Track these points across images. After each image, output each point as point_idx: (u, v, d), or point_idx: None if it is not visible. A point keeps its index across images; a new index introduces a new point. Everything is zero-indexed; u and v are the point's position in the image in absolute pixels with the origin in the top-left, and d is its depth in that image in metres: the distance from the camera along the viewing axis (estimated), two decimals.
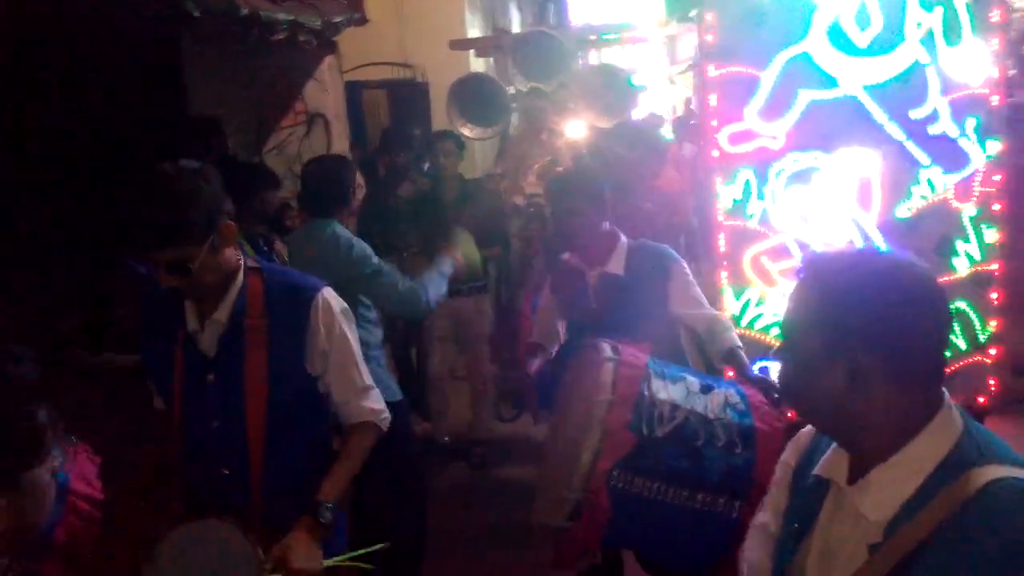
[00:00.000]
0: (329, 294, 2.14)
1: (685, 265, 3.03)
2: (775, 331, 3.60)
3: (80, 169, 4.15)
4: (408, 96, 8.49)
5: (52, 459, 1.43)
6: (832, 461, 1.35)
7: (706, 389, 2.43)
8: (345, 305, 2.19)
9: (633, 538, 2.49)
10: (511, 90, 7.32)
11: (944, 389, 1.29)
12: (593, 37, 10.13)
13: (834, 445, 1.35)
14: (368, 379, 2.21)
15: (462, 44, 8.34)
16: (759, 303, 3.61)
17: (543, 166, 6.14)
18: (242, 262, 2.07)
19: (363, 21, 6.73)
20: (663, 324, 2.94)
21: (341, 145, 6.69)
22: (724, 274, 3.59)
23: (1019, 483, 1.16)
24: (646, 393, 2.33)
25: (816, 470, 1.38)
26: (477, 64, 8.92)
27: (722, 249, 3.59)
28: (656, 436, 2.26)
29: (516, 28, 11.46)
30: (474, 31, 9.64)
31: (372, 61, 8.26)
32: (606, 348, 2.49)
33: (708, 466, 2.25)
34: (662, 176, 4.96)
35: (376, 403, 2.21)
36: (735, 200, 3.56)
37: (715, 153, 3.52)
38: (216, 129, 4.41)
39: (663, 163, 5.13)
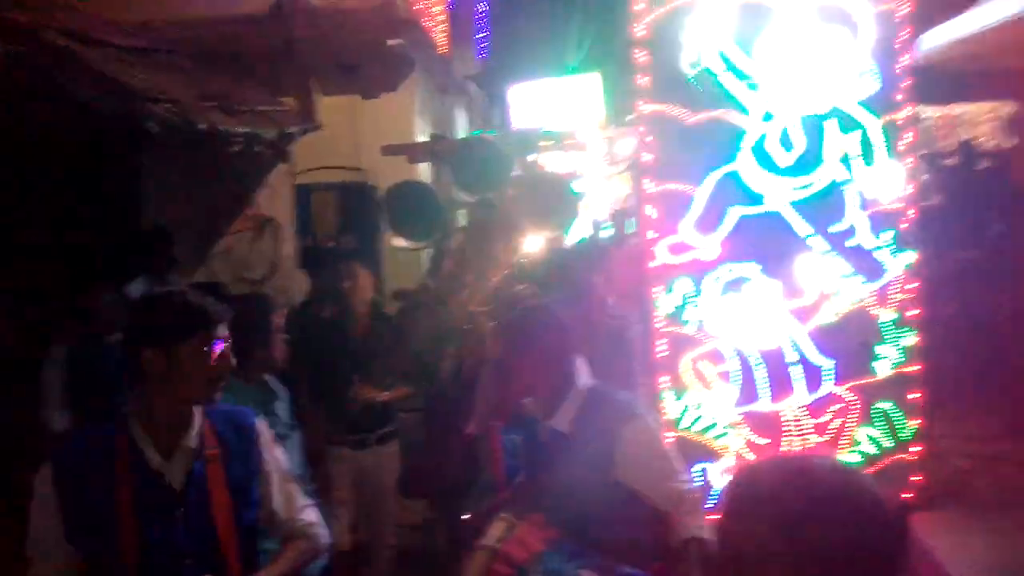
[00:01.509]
0: (261, 421, 2.20)
1: (649, 423, 2.56)
2: (713, 432, 3.76)
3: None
4: (358, 201, 8.65)
5: None
6: None
7: None
8: None
9: None
10: (458, 198, 7.11)
11: None
12: (541, 143, 10.47)
13: None
14: (304, 497, 2.25)
15: (394, 149, 8.05)
16: (697, 406, 3.76)
17: (502, 280, 6.00)
18: None
19: (317, 128, 6.95)
20: (615, 501, 2.40)
21: (288, 249, 6.80)
22: (665, 379, 3.76)
23: None
24: None
25: None
26: (425, 171, 9.07)
27: (661, 355, 3.76)
28: None
29: (463, 133, 11.84)
30: (424, 136, 9.91)
31: (323, 164, 8.42)
32: (494, 531, 2.26)
33: None
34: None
35: (316, 518, 2.24)
36: (675, 307, 3.76)
37: (654, 263, 3.74)
38: (167, 241, 4.50)
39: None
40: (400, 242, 6.77)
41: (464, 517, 3.31)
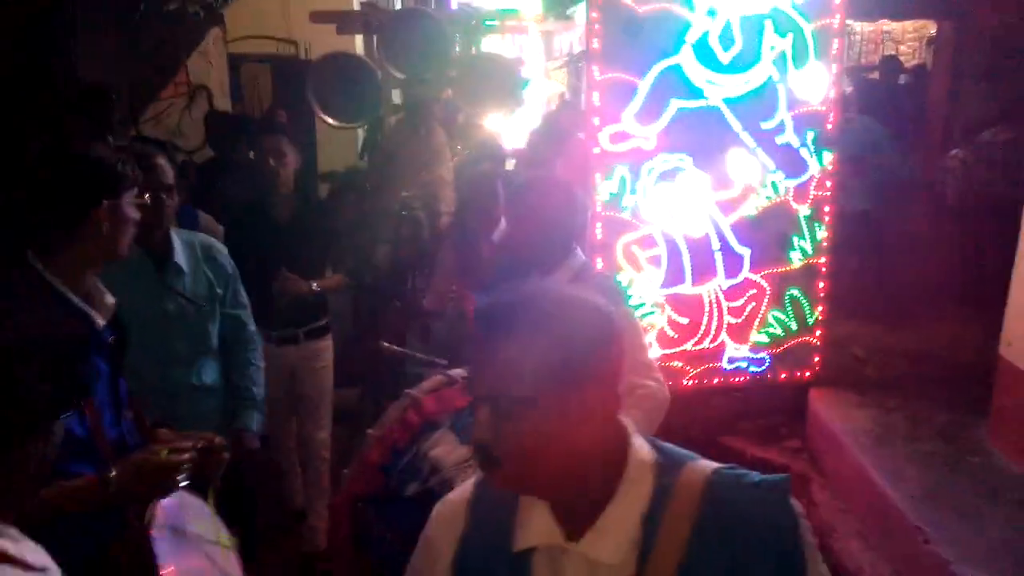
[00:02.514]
0: None
1: (627, 313, 2.62)
2: (640, 311, 4.05)
3: None
4: (291, 73, 8.40)
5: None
6: (540, 526, 1.20)
7: None
8: None
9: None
10: (386, 75, 6.51)
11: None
12: (474, 22, 10.20)
13: (538, 509, 1.21)
14: None
15: (323, 17, 7.44)
16: (628, 286, 4.03)
17: (462, 160, 5.74)
18: None
19: None
20: None
21: None
22: (599, 260, 4.00)
23: (731, 471, 1.19)
24: (415, 445, 2.12)
25: (520, 545, 1.21)
26: (359, 45, 8.78)
27: (599, 237, 3.98)
28: (403, 492, 2.07)
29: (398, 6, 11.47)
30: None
31: (255, 34, 8.17)
32: (427, 383, 2.30)
33: None
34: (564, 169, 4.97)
35: None
36: (611, 194, 3.97)
37: (596, 150, 3.91)
38: (106, 101, 4.39)
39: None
40: (331, 120, 6.32)
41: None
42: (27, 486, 1.33)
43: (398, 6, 10.96)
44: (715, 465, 1.19)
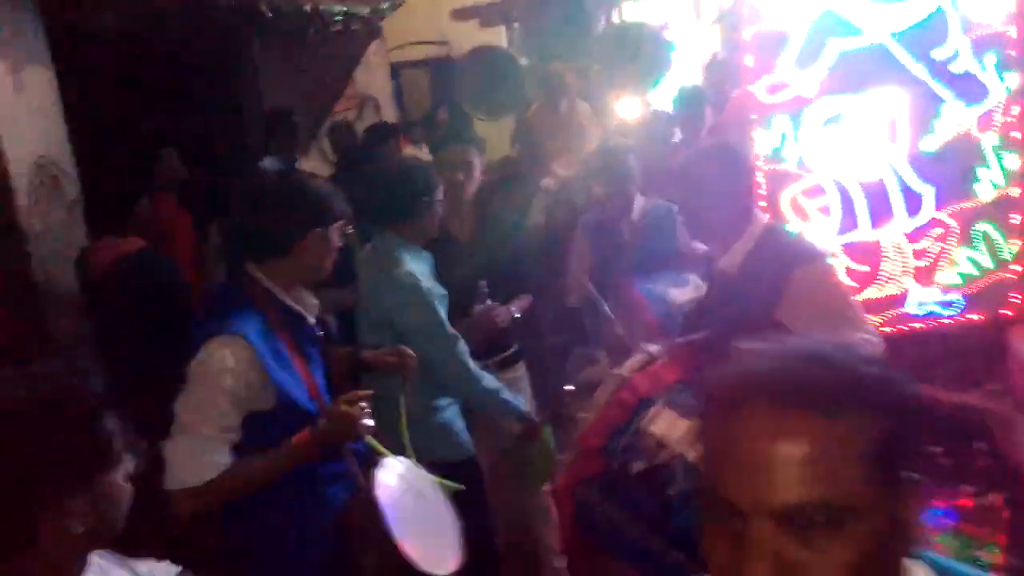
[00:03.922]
0: None
1: (827, 268, 2.54)
2: None
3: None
4: (446, 73, 8.76)
5: (124, 464, 1.40)
6: None
7: None
8: None
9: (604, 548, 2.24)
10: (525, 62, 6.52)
11: None
12: None
13: None
14: None
15: (465, 13, 7.68)
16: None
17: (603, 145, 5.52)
18: None
19: (401, 2, 7.11)
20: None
21: None
22: (765, 215, 3.95)
23: None
24: (635, 423, 2.12)
25: None
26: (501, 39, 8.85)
27: (762, 191, 3.94)
28: (628, 471, 2.07)
29: None
30: None
31: (409, 41, 8.59)
32: (632, 362, 2.32)
33: (673, 519, 2.00)
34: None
35: None
36: (773, 148, 3.90)
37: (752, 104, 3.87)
38: (290, 122, 4.84)
39: None
40: (480, 115, 6.40)
41: (568, 388, 3.46)
42: (115, 514, 1.37)
43: None
44: None
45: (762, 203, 3.93)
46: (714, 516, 0.82)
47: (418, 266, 2.87)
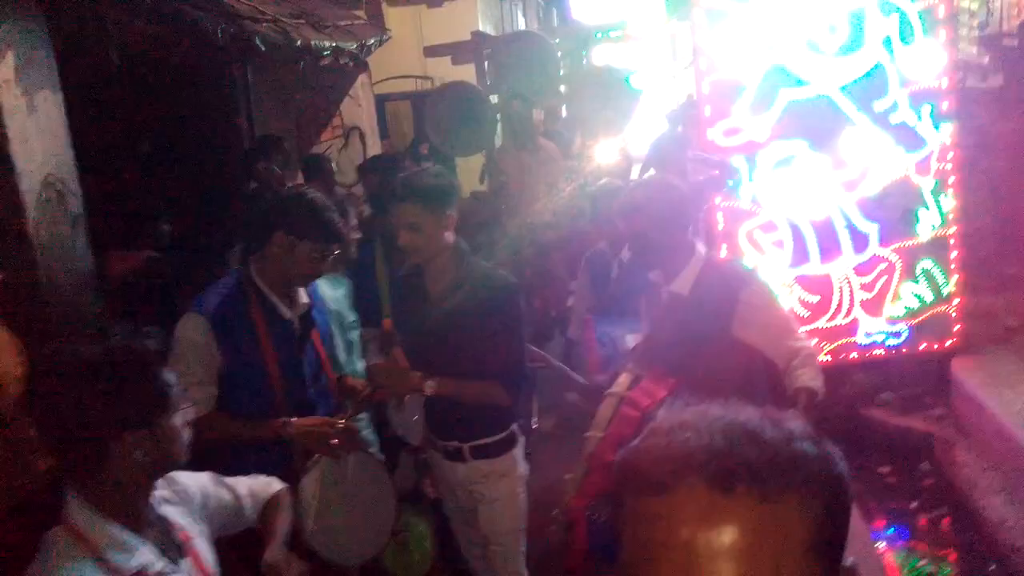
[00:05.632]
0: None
1: (763, 286, 2.75)
2: None
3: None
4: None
5: (183, 411, 1.62)
6: None
7: None
8: None
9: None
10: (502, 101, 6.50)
11: None
12: (597, 35, 10.40)
13: None
14: None
15: (436, 50, 7.75)
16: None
17: (575, 188, 5.76)
18: None
19: (388, 39, 7.41)
20: (730, 354, 2.58)
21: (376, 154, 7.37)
22: (723, 248, 4.25)
23: None
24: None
25: None
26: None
27: (720, 227, 4.24)
28: None
29: None
30: None
31: (394, 75, 8.89)
32: (622, 380, 2.47)
33: None
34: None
35: None
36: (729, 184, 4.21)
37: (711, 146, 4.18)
38: (281, 147, 5.11)
39: None
40: (449, 151, 6.35)
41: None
42: (174, 451, 1.59)
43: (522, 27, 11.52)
44: None
45: (720, 237, 4.24)
46: None
47: (330, 291, 3.12)
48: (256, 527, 1.97)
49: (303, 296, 2.63)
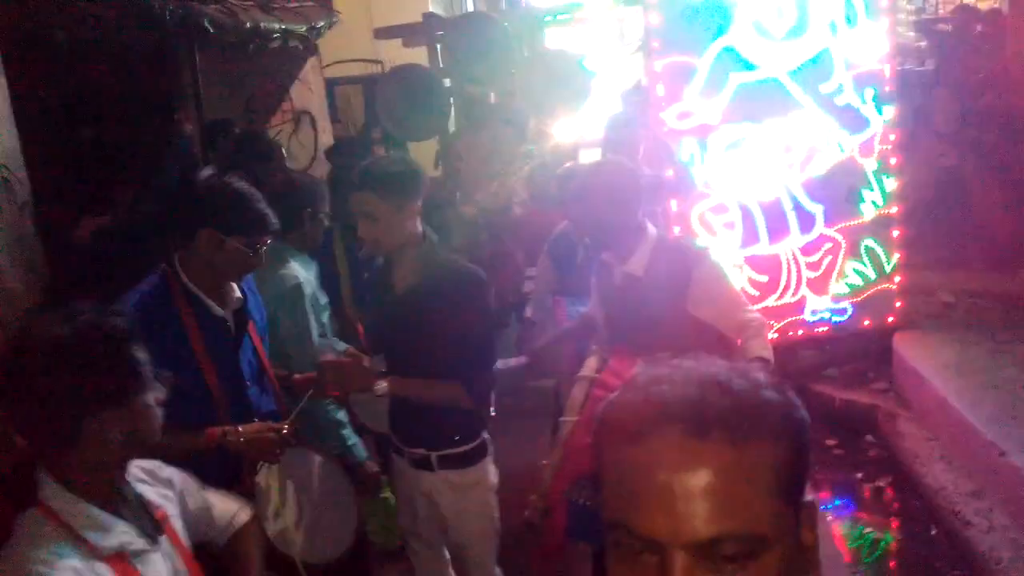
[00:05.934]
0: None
1: (714, 264, 2.79)
2: None
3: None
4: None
5: (155, 390, 1.59)
6: None
7: None
8: None
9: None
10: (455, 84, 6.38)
11: None
12: (548, 18, 10.43)
13: None
14: None
15: (387, 32, 7.47)
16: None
17: (533, 170, 5.58)
18: None
19: (337, 21, 7.31)
20: (686, 330, 2.62)
21: (326, 140, 7.29)
22: (676, 229, 4.34)
23: None
24: None
25: None
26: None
27: (674, 209, 4.33)
28: None
29: None
30: None
31: (343, 58, 8.77)
32: (590, 363, 2.52)
33: None
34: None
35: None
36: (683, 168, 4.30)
37: (664, 129, 4.26)
38: (229, 130, 5.02)
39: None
40: (401, 137, 6.24)
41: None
42: (148, 430, 1.56)
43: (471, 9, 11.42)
44: None
45: (673, 219, 4.33)
46: (625, 550, 0.80)
47: (304, 272, 3.01)
48: (223, 551, 1.91)
49: (235, 291, 2.46)
